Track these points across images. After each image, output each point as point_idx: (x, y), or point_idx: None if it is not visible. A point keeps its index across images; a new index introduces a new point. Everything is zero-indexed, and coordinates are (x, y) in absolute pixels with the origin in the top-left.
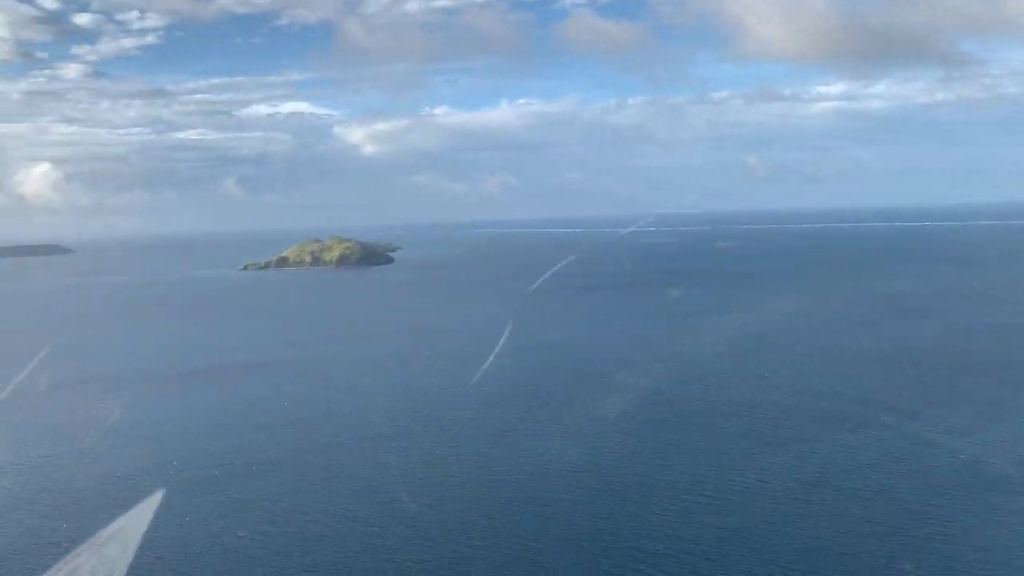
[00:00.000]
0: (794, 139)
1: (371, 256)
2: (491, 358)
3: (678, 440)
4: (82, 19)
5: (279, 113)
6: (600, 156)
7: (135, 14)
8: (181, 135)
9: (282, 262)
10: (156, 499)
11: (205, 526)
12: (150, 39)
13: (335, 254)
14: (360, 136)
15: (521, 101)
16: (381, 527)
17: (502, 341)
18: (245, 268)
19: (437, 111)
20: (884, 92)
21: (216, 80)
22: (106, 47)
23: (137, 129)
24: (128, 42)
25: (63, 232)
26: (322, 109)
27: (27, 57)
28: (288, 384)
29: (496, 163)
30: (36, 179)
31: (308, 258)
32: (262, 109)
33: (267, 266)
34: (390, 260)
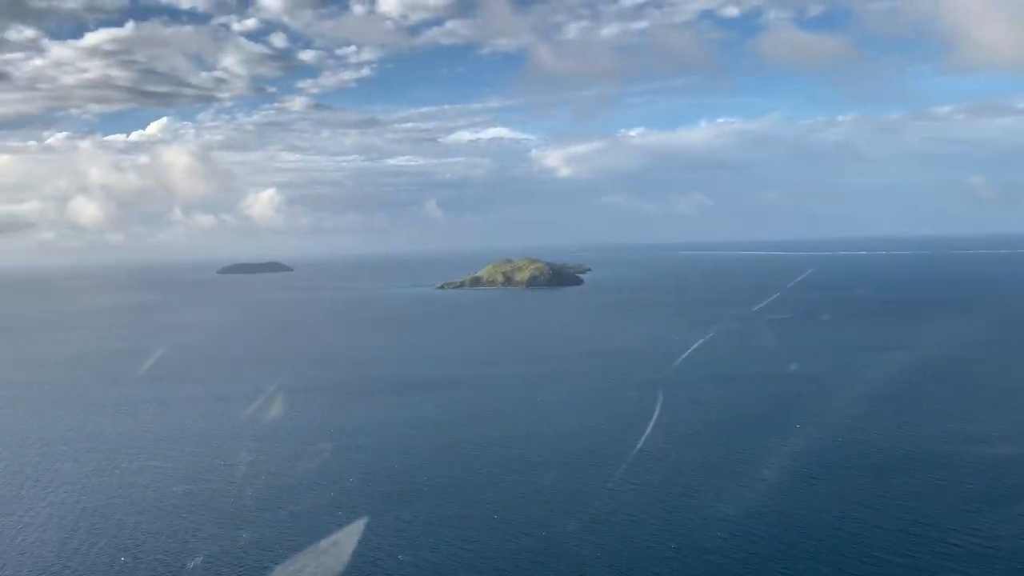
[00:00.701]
0: None
1: (560, 277)
2: (671, 388)
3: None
4: (306, 55)
5: (480, 139)
6: (802, 175)
7: (352, 49)
8: (391, 161)
9: (476, 281)
10: (368, 510)
11: (410, 540)
12: (365, 72)
13: (526, 275)
14: (556, 159)
15: (721, 120)
16: (592, 552)
17: (685, 368)
18: (442, 287)
19: (632, 132)
20: None
21: (424, 109)
22: (326, 80)
23: (353, 156)
24: (346, 75)
25: (284, 251)
26: (520, 134)
27: (259, 92)
28: (483, 400)
29: (691, 183)
30: (263, 203)
31: (500, 278)
32: (465, 135)
33: (462, 285)
34: (579, 281)
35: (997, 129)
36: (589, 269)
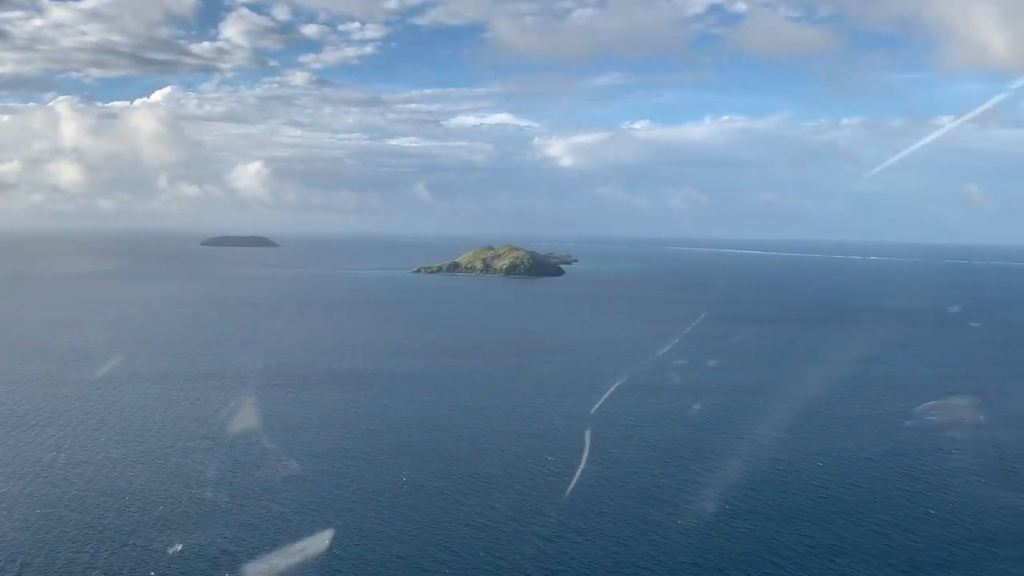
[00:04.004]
0: None
1: (541, 267)
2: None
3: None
4: (310, 29)
5: (484, 124)
6: (800, 176)
7: (356, 25)
8: (393, 142)
9: (454, 267)
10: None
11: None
12: (368, 49)
13: (505, 263)
14: (558, 148)
15: (725, 117)
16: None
17: (649, 372)
18: (418, 270)
19: (637, 125)
20: None
21: (428, 91)
22: (329, 56)
23: (355, 135)
24: (349, 51)
25: (272, 227)
26: (524, 121)
27: (261, 64)
28: (396, 400)
29: (690, 179)
30: (249, 176)
31: (479, 264)
32: (469, 119)
33: (439, 270)
34: (560, 272)
35: (999, 140)
36: (575, 260)
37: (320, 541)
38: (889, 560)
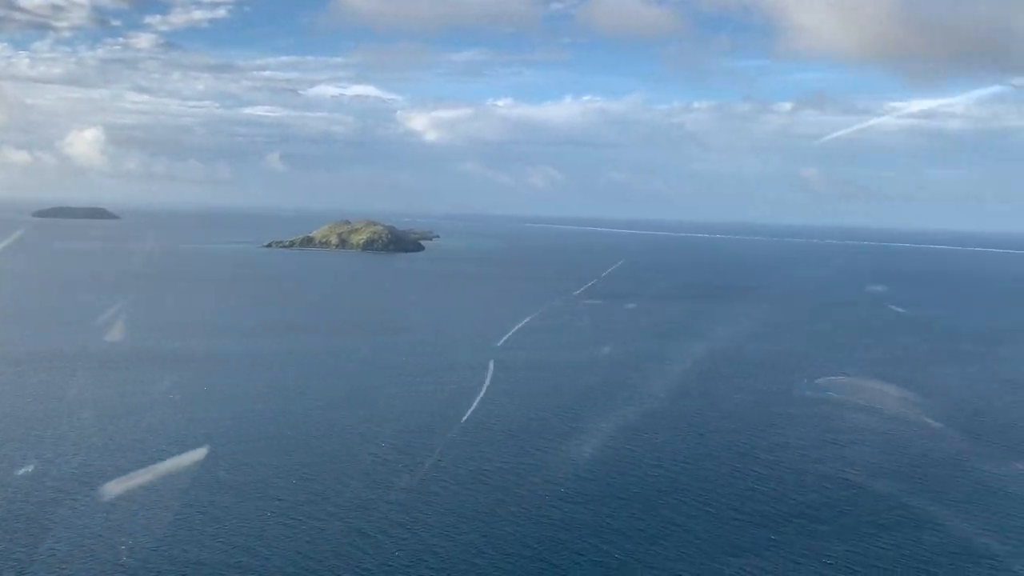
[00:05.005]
0: (864, 154)
1: (399, 242)
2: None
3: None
4: None
5: (345, 95)
6: (653, 158)
7: None
8: (247, 111)
9: (307, 242)
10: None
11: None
12: (220, 12)
13: (362, 237)
14: (422, 122)
15: (586, 98)
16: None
17: (502, 350)
18: (269, 245)
19: (500, 102)
20: (963, 112)
21: (284, 58)
22: (177, 18)
23: (206, 102)
24: (199, 14)
25: (113, 197)
26: (388, 94)
27: (102, 24)
28: (225, 379)
29: (549, 157)
30: (85, 142)
31: (335, 239)
32: (329, 90)
33: (291, 245)
34: (420, 248)
35: (836, 127)
36: (436, 236)
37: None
38: (714, 540)
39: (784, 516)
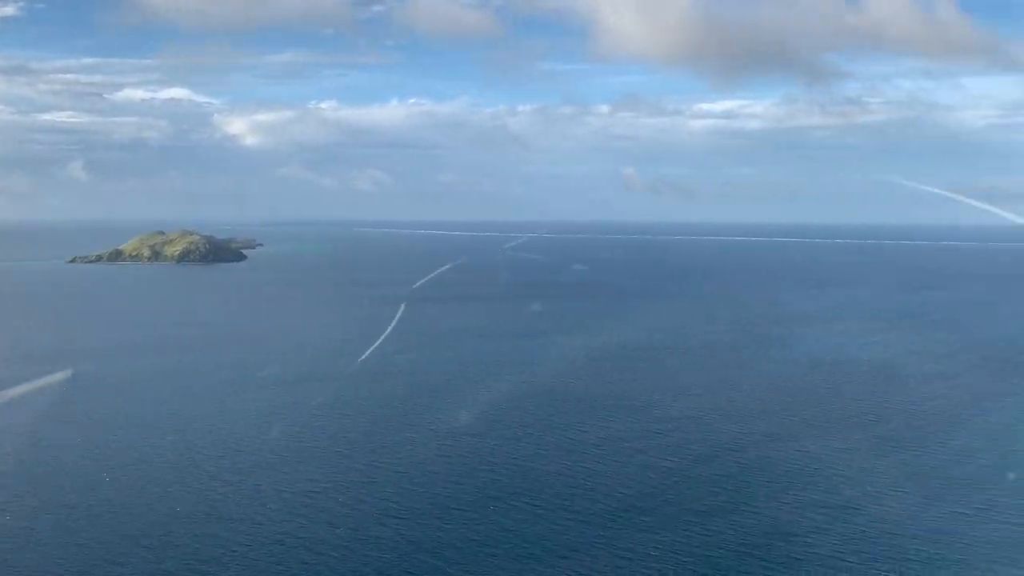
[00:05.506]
0: (673, 154)
1: (218, 252)
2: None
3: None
4: None
5: (156, 99)
6: (480, 160)
7: None
8: (46, 116)
9: (116, 255)
10: None
11: None
12: (9, 10)
13: (177, 249)
14: (241, 126)
15: (412, 100)
16: None
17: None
18: (73, 260)
19: (324, 105)
20: (763, 112)
21: (87, 60)
22: None
23: None
24: None
25: None
26: (203, 97)
27: None
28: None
29: (375, 161)
30: None
31: (147, 252)
32: (137, 93)
33: (99, 259)
34: (242, 257)
35: (651, 128)
36: (260, 244)
37: None
38: (544, 543)
39: (612, 511)
